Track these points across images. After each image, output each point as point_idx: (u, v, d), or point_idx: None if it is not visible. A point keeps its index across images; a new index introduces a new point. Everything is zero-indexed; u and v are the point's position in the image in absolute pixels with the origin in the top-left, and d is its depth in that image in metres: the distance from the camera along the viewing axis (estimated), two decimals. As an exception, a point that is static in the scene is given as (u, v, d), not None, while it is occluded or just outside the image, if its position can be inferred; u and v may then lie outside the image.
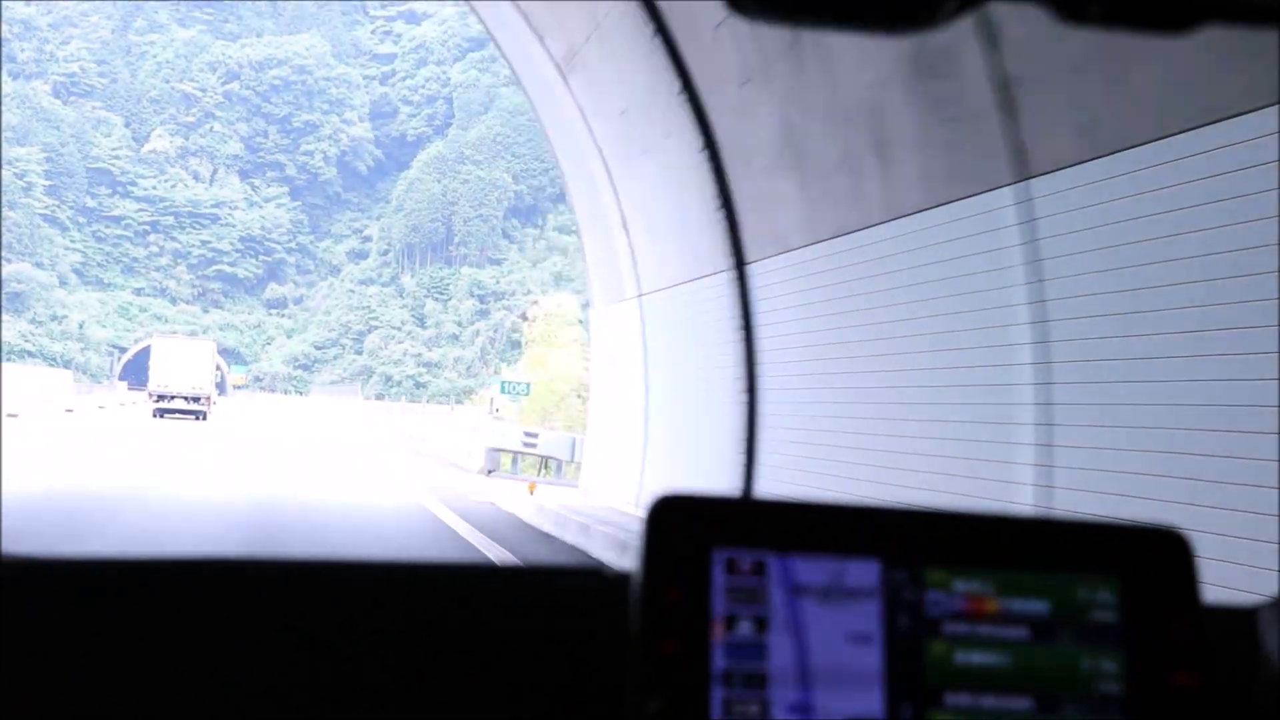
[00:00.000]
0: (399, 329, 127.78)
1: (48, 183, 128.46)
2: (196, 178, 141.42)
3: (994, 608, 1.14)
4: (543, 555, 15.50)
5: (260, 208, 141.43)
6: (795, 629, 1.10)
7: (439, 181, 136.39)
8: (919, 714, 1.11)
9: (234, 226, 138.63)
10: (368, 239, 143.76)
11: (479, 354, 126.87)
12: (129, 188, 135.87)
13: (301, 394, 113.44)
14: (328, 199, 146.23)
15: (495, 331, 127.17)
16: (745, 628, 1.10)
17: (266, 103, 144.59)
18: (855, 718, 1.10)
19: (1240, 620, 1.28)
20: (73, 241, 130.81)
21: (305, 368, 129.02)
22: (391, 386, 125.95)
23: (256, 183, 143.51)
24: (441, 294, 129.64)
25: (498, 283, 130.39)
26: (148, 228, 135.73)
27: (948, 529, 1.16)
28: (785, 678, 1.09)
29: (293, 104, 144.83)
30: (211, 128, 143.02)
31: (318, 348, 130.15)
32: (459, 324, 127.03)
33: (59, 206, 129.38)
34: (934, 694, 1.12)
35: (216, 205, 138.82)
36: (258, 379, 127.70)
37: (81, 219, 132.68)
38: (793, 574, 1.11)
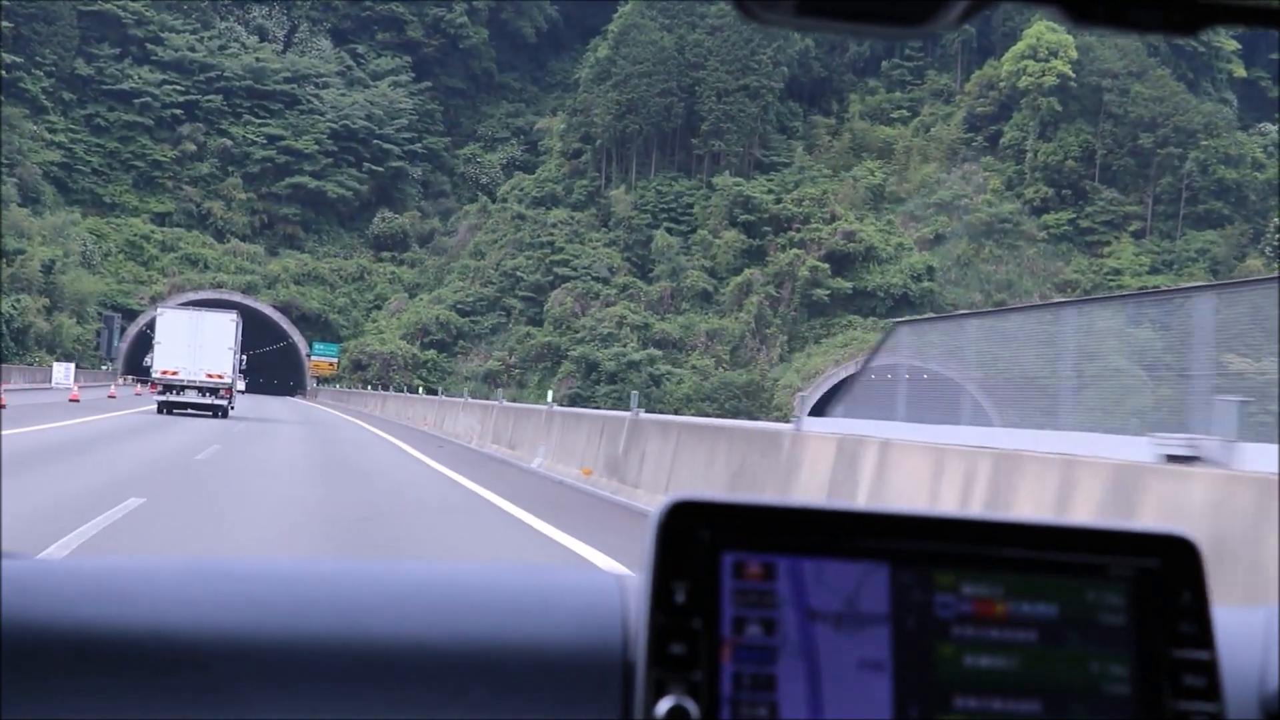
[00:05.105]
0: (605, 281, 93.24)
1: (6, 26, 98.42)
2: (263, 36, 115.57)
3: (1002, 611, 1.19)
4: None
5: (365, 89, 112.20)
6: (804, 631, 1.17)
7: (670, 31, 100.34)
8: (927, 717, 1.17)
9: (322, 116, 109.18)
10: (538, 138, 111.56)
11: (751, 325, 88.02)
12: (150, 47, 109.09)
13: (433, 391, 60.14)
14: (473, 80, 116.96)
15: (779, 285, 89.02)
16: (754, 630, 1.16)
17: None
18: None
19: (1247, 623, 1.34)
20: (51, 130, 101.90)
21: (441, 347, 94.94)
22: (598, 383, 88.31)
23: (360, 49, 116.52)
24: (679, 220, 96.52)
25: (778, 201, 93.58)
26: (180, 113, 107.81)
27: (956, 533, 1.22)
28: (794, 680, 1.15)
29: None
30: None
31: (463, 313, 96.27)
32: (712, 273, 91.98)
33: (27, 72, 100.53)
34: (942, 697, 1.17)
35: (294, 81, 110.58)
36: (359, 365, 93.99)
37: (68, 94, 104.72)
38: (802, 578, 1.18)
